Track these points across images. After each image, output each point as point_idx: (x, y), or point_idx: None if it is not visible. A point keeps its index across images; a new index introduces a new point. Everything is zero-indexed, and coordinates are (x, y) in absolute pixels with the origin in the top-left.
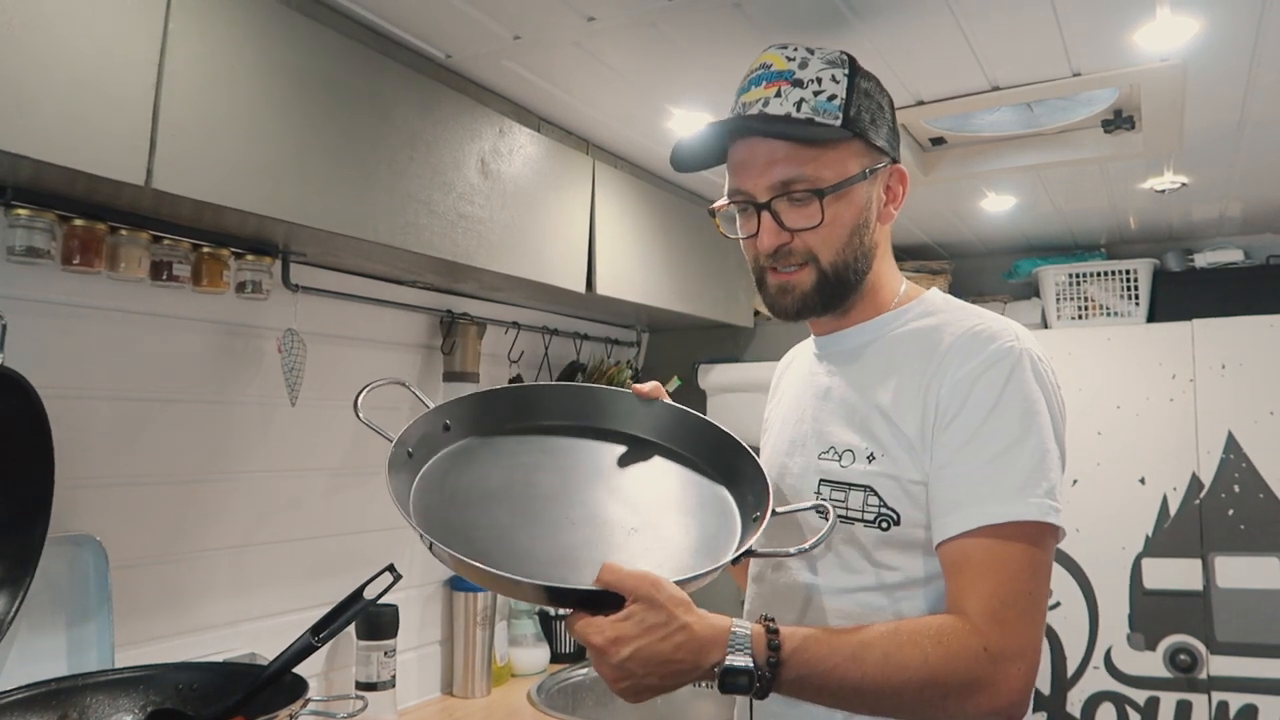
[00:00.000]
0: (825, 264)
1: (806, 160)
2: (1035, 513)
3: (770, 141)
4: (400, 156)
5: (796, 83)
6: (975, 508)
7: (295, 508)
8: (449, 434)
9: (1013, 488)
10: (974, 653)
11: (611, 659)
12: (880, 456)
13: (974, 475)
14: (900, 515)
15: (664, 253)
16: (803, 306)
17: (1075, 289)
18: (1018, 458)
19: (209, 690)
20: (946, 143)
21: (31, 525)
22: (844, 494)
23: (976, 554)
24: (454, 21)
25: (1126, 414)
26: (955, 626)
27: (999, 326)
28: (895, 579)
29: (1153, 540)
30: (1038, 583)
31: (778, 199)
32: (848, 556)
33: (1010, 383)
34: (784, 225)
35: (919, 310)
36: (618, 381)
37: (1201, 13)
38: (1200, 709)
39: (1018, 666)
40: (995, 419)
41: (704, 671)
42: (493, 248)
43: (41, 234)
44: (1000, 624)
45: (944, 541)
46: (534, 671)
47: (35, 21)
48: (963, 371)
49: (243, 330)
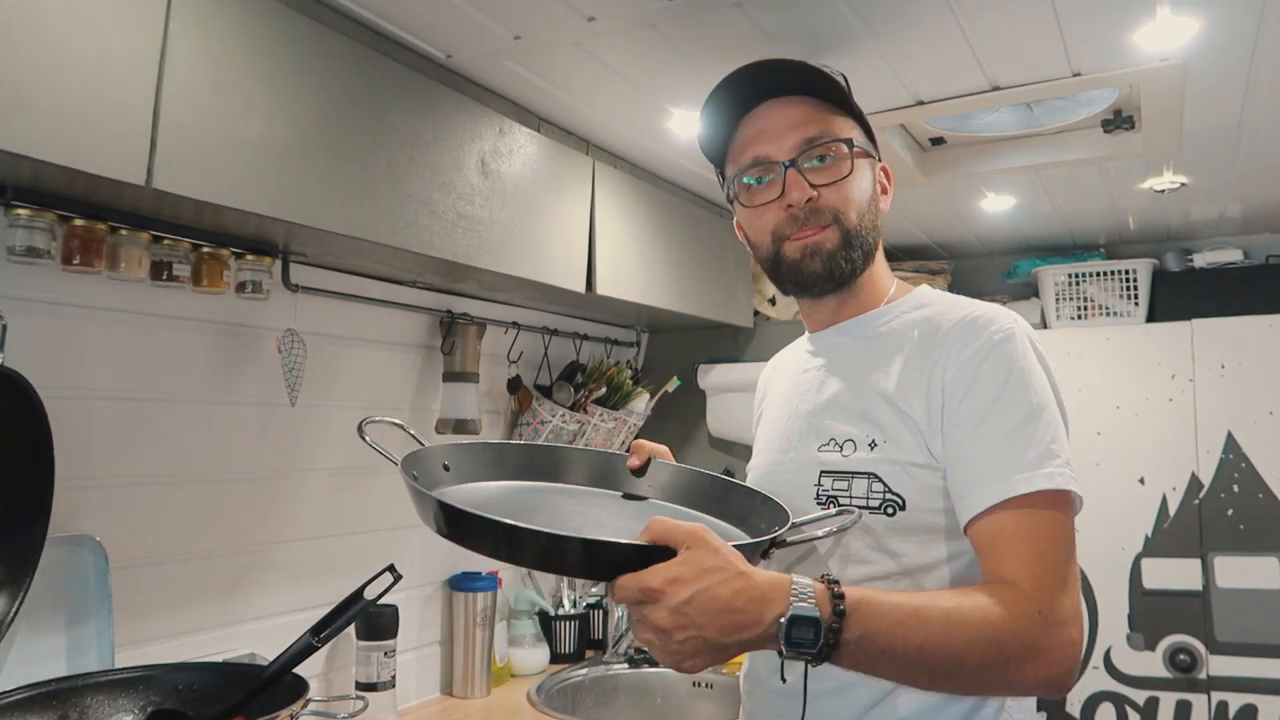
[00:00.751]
0: (849, 224)
1: (824, 122)
2: (1059, 481)
3: (784, 110)
4: (400, 156)
5: (803, 64)
6: (999, 483)
7: (295, 508)
8: (449, 473)
9: (1032, 460)
10: (1031, 616)
11: (670, 600)
12: (883, 442)
13: (992, 452)
14: (905, 500)
15: (664, 253)
16: (831, 267)
17: (1075, 289)
18: (1032, 432)
19: (209, 690)
20: (946, 143)
21: (31, 526)
22: (847, 483)
23: (1009, 527)
24: (454, 22)
25: (1126, 414)
26: (1009, 593)
27: (995, 312)
28: (898, 567)
29: (1152, 540)
30: (1070, 550)
31: (803, 156)
32: (854, 546)
33: (1014, 363)
34: (810, 183)
35: (912, 304)
36: (617, 381)
37: (1201, 13)
38: (1200, 709)
39: (1071, 631)
40: (1005, 398)
41: (766, 627)
42: (493, 248)
43: (42, 234)
44: (1050, 589)
45: (973, 520)
46: (534, 672)
47: (35, 22)
48: (965, 354)
49: (243, 330)
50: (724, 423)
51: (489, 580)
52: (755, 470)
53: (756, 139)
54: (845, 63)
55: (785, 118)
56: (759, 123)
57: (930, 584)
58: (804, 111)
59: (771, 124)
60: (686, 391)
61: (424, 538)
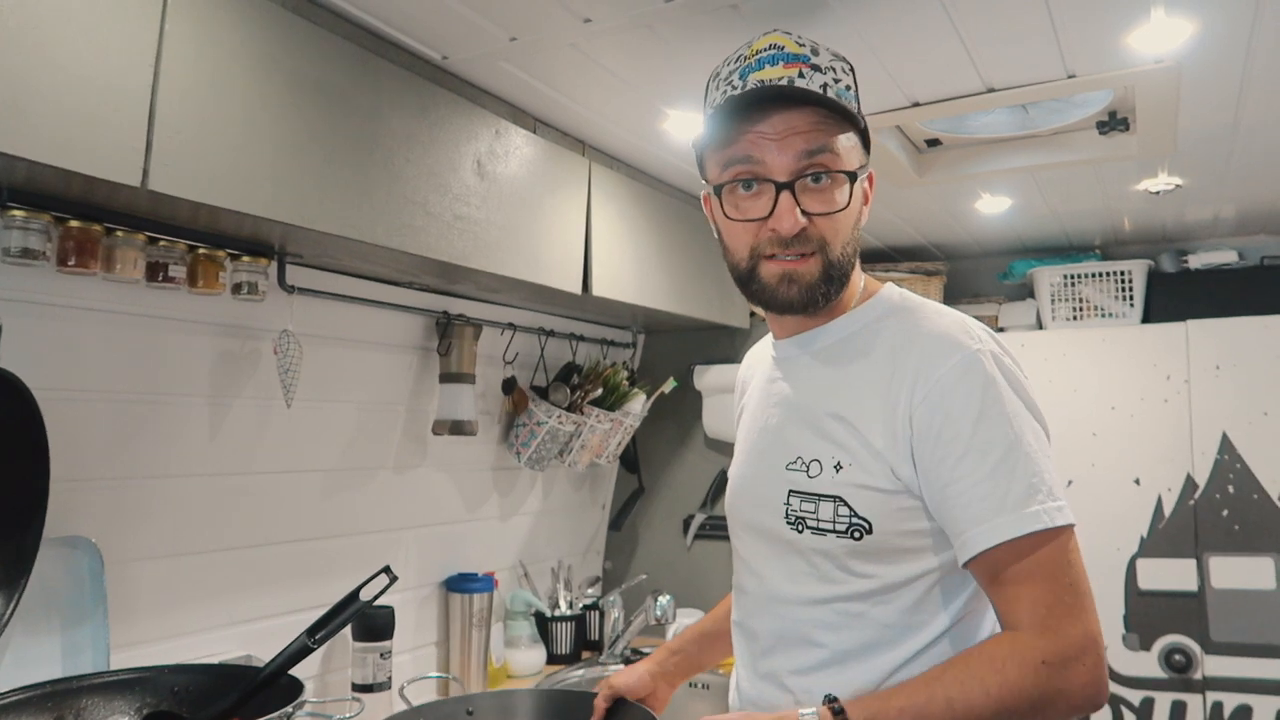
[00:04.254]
0: (833, 255)
1: (827, 135)
2: (1045, 520)
3: (791, 116)
4: (396, 158)
5: (815, 67)
6: (988, 523)
7: (291, 509)
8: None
9: (1017, 499)
10: (1034, 669)
11: None
12: (849, 465)
13: (978, 490)
14: (872, 524)
15: (660, 254)
16: (809, 298)
17: (1070, 290)
18: (1015, 464)
19: (204, 692)
20: (942, 144)
21: (26, 527)
22: (814, 505)
23: (1007, 567)
24: (450, 23)
25: (1121, 415)
26: (1009, 649)
27: (956, 330)
28: (871, 586)
29: (1147, 541)
30: (1075, 574)
31: (799, 181)
32: (823, 567)
33: (985, 391)
34: (803, 209)
35: (876, 311)
36: (614, 382)
37: (1196, 15)
38: (1195, 709)
39: (1082, 664)
40: (981, 434)
41: None
42: (489, 249)
43: (37, 235)
44: (1051, 632)
45: (971, 560)
46: (530, 673)
47: (31, 22)
48: (930, 383)
49: (238, 332)
50: (720, 424)
51: (485, 581)
52: (732, 480)
53: (755, 141)
54: None
55: (789, 122)
56: (760, 123)
57: (889, 606)
58: (810, 120)
59: (774, 126)
60: (682, 392)
61: (420, 539)
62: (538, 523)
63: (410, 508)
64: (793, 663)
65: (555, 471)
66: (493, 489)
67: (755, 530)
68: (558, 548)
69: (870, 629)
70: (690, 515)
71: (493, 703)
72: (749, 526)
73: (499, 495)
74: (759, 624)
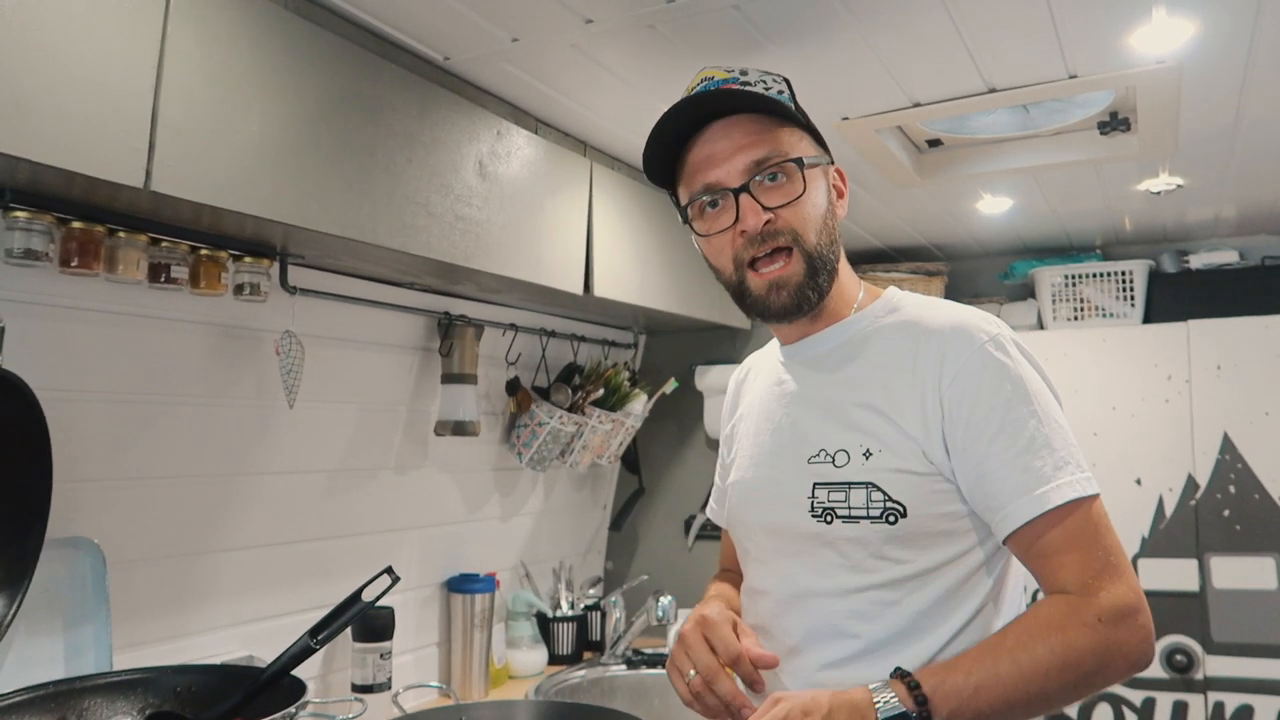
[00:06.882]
0: (809, 246)
1: (772, 140)
2: (1079, 489)
3: (730, 132)
4: (398, 159)
5: (744, 84)
6: (1027, 495)
7: (293, 510)
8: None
9: (1053, 469)
10: (1092, 626)
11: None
12: (879, 451)
13: (1015, 465)
14: (907, 507)
15: (662, 255)
16: (799, 299)
17: (1071, 290)
18: (1047, 438)
19: (207, 693)
20: (943, 144)
21: (29, 528)
22: (844, 494)
23: (1047, 539)
24: (452, 24)
25: (1122, 415)
26: (1064, 609)
27: (976, 317)
28: (905, 572)
29: (1149, 541)
30: (1112, 538)
31: (754, 181)
32: (855, 556)
33: (1011, 370)
34: (764, 205)
35: (883, 309)
36: (615, 382)
37: (1197, 15)
38: (1196, 709)
39: (1134, 620)
40: (1013, 408)
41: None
42: (490, 250)
43: (40, 236)
44: (1101, 587)
45: (1009, 537)
46: (532, 673)
47: (34, 24)
48: (959, 365)
49: (240, 332)
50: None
51: (487, 582)
52: (738, 485)
53: (705, 164)
54: (842, 64)
55: (732, 140)
56: (706, 147)
57: (921, 593)
58: (750, 131)
59: (718, 147)
60: (684, 393)
61: (421, 539)
62: (539, 523)
63: (412, 508)
64: (824, 657)
65: (556, 472)
66: (494, 489)
67: (773, 530)
68: (559, 548)
69: (904, 617)
70: (691, 516)
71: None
72: (765, 528)
73: (500, 496)
74: (784, 623)
